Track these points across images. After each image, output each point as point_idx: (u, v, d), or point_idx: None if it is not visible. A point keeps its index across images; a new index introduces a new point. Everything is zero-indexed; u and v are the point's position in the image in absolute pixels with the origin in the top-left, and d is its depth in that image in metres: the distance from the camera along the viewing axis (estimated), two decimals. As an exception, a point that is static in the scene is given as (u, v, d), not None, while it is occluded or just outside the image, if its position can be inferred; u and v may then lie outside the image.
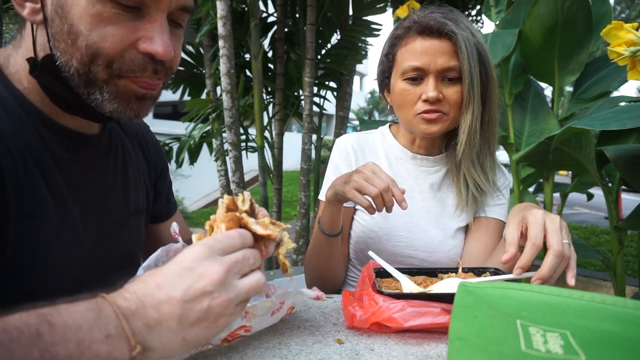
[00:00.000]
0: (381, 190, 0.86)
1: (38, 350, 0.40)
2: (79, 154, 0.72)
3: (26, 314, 0.42)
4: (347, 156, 1.16)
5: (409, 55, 1.02)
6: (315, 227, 1.07)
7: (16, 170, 0.61)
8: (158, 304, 0.47)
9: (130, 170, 0.85)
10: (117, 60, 0.62)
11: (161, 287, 0.48)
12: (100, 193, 0.77)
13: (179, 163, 3.14)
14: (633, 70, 1.09)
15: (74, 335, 0.43)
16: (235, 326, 0.61)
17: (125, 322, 0.45)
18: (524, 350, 0.40)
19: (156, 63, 0.65)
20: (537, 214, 0.79)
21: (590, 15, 1.69)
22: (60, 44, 0.62)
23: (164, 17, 0.64)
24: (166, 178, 0.98)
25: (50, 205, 0.66)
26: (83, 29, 0.60)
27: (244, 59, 3.06)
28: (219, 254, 0.52)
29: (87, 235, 0.73)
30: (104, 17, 0.59)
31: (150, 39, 0.63)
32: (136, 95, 0.66)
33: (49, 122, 0.68)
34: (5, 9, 2.37)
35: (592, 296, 0.48)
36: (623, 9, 17.62)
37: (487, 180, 1.08)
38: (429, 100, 1.00)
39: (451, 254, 1.10)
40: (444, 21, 0.99)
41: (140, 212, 0.87)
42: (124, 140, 0.85)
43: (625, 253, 1.98)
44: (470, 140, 1.03)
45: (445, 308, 0.70)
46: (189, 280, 0.49)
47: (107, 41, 0.60)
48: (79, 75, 0.62)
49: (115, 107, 0.65)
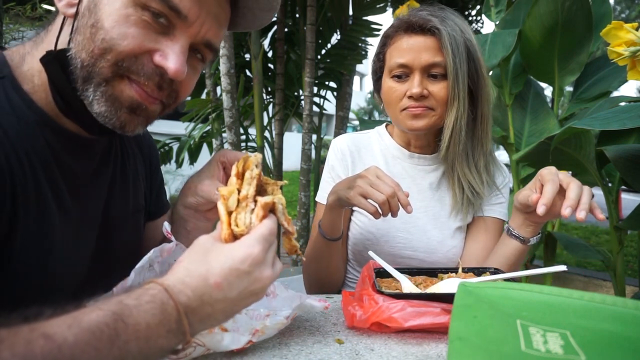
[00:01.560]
0: (388, 197, 0.85)
1: (117, 348, 0.44)
2: (80, 156, 0.72)
3: (101, 312, 0.45)
4: (343, 157, 1.15)
5: (395, 53, 1.03)
6: (315, 231, 1.07)
7: (25, 176, 0.62)
8: (214, 302, 0.52)
9: (129, 169, 0.85)
10: (127, 60, 0.62)
11: (220, 287, 0.52)
12: (102, 194, 0.77)
13: (179, 163, 3.14)
14: (633, 70, 1.09)
15: (143, 333, 0.47)
16: (244, 341, 0.62)
17: (185, 318, 0.50)
18: (524, 350, 0.40)
19: (163, 79, 0.66)
20: (549, 168, 0.87)
21: (590, 15, 1.69)
22: (79, 36, 0.62)
23: (187, 42, 0.65)
24: (158, 174, 0.98)
25: (53, 207, 0.66)
26: (106, 25, 0.61)
27: (244, 59, 3.06)
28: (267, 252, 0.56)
29: (89, 236, 0.74)
30: (131, 19, 0.61)
31: (166, 55, 0.64)
32: (130, 105, 0.65)
33: (53, 125, 0.68)
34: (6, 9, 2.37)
35: (592, 296, 0.48)
36: (623, 9, 17.62)
37: (482, 181, 1.08)
38: (413, 96, 1.00)
39: (450, 254, 1.10)
40: (429, 18, 0.99)
41: (140, 210, 0.88)
42: (123, 139, 0.85)
43: (625, 253, 1.98)
44: (455, 137, 1.02)
45: (445, 308, 0.70)
46: (244, 283, 0.53)
47: (125, 39, 0.61)
48: (82, 67, 0.63)
49: (103, 110, 0.64)
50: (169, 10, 0.62)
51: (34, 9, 3.94)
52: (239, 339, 0.61)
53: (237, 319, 0.65)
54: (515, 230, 0.96)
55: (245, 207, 0.57)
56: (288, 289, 0.77)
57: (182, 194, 0.85)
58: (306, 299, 0.72)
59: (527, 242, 0.95)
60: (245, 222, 0.56)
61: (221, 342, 0.60)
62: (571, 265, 3.51)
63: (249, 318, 0.67)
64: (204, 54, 0.70)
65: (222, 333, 0.61)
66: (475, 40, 1.03)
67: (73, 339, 0.42)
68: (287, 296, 0.75)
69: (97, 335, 0.43)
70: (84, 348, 0.42)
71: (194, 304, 0.51)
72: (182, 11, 0.62)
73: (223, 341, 0.60)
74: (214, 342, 0.60)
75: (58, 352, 0.41)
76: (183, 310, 0.50)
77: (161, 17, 0.62)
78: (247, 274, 0.53)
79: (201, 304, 0.51)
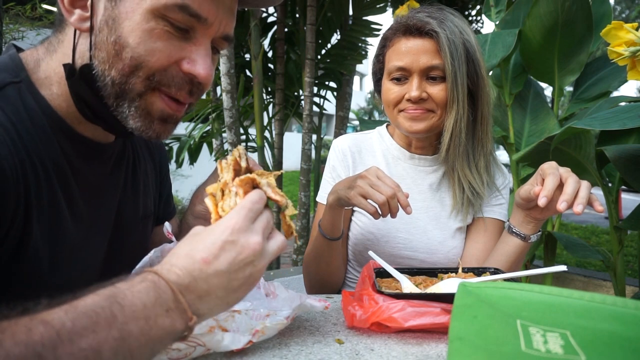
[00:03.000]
0: (388, 198, 0.86)
1: (116, 330, 0.44)
2: (94, 162, 0.73)
3: (97, 297, 0.46)
4: (344, 157, 1.15)
5: (394, 56, 1.03)
6: (316, 231, 1.07)
7: (38, 182, 0.62)
8: (207, 277, 0.51)
9: (140, 174, 0.86)
10: (158, 74, 0.63)
11: (207, 262, 0.51)
12: (114, 199, 0.78)
13: (179, 163, 3.14)
14: (633, 70, 1.09)
15: (141, 313, 0.47)
16: (245, 341, 0.62)
17: (181, 295, 0.50)
18: (524, 350, 0.40)
19: (193, 84, 0.67)
20: (550, 163, 0.87)
21: (590, 15, 1.68)
22: (102, 53, 0.63)
23: (209, 42, 0.66)
24: (168, 180, 0.99)
25: (66, 212, 0.67)
26: (131, 42, 0.61)
27: (244, 59, 3.06)
28: (252, 222, 0.55)
29: (101, 241, 0.75)
30: (155, 33, 0.61)
31: (194, 62, 0.65)
32: (161, 117, 0.67)
33: (69, 131, 0.68)
34: (5, 9, 2.37)
35: (592, 296, 0.48)
36: (623, 9, 17.62)
37: (482, 182, 1.08)
38: (412, 100, 1.00)
39: (451, 254, 1.10)
40: (427, 20, 0.99)
41: (149, 215, 0.88)
42: (135, 144, 0.86)
43: (625, 253, 1.98)
44: (455, 139, 1.03)
45: (445, 308, 0.70)
46: (232, 253, 0.52)
47: (154, 56, 0.62)
48: (113, 85, 0.63)
49: (138, 125, 0.66)
50: (189, 17, 0.62)
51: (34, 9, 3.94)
52: (239, 339, 0.61)
53: (237, 319, 0.65)
54: (516, 227, 0.96)
55: (229, 194, 0.58)
56: (288, 289, 0.77)
57: (191, 203, 0.87)
58: (306, 299, 0.72)
59: (528, 239, 0.96)
60: (230, 205, 0.57)
61: (221, 342, 0.60)
62: (571, 265, 3.51)
63: (249, 318, 0.67)
64: (220, 46, 0.71)
65: (222, 333, 0.61)
66: (475, 40, 1.03)
67: (71, 324, 0.42)
68: (287, 296, 0.75)
69: (94, 319, 0.44)
70: (82, 332, 0.42)
71: (185, 281, 0.50)
72: (202, 15, 0.63)
73: (223, 341, 0.60)
74: (214, 342, 0.60)
75: (57, 337, 0.41)
76: (177, 289, 0.49)
77: (181, 26, 0.62)
78: (232, 243, 0.52)
79: (193, 280, 0.51)
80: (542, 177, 0.86)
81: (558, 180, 0.83)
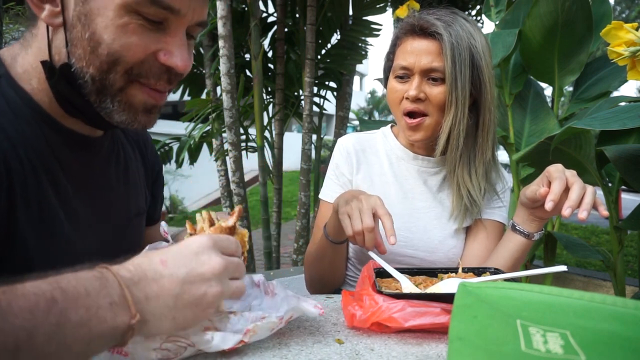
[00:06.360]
0: (363, 229, 0.84)
1: (54, 315, 0.43)
2: (82, 156, 0.72)
3: (39, 281, 0.44)
4: (348, 156, 1.16)
5: (400, 55, 1.05)
6: (319, 231, 1.07)
7: (24, 173, 0.62)
8: (160, 278, 0.50)
9: (130, 173, 0.85)
10: (136, 67, 0.63)
11: (165, 263, 0.51)
12: (104, 196, 0.77)
13: (179, 163, 3.14)
14: (633, 70, 1.09)
15: (83, 301, 0.45)
16: (236, 341, 0.61)
17: (127, 291, 0.48)
18: (524, 350, 0.40)
19: (171, 73, 0.67)
20: (556, 165, 0.88)
21: (590, 15, 1.68)
22: (78, 49, 0.62)
23: (184, 31, 0.66)
24: (161, 181, 0.99)
25: (56, 206, 0.66)
26: (106, 38, 0.61)
27: (244, 59, 3.06)
28: (220, 250, 0.56)
29: (92, 237, 0.74)
30: (129, 28, 0.61)
31: (171, 53, 0.65)
32: (145, 107, 0.67)
33: (54, 124, 0.68)
34: (5, 9, 2.37)
35: (592, 296, 0.48)
36: (623, 9, 17.63)
37: (480, 189, 1.08)
38: (409, 98, 1.01)
39: (451, 254, 1.10)
40: (433, 22, 1.00)
41: (141, 214, 0.88)
42: (124, 143, 0.86)
43: (625, 253, 1.98)
44: (453, 142, 1.03)
45: (445, 308, 0.70)
46: (192, 263, 0.52)
47: (130, 50, 0.62)
48: (93, 82, 0.63)
49: (124, 119, 0.67)
50: (162, 10, 0.62)
51: (34, 9, 3.93)
52: (230, 338, 0.60)
53: (233, 321, 0.64)
54: (520, 225, 0.97)
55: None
56: (287, 289, 0.77)
57: None
58: (302, 302, 0.71)
59: (532, 237, 0.96)
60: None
61: (211, 342, 0.59)
62: (571, 265, 3.51)
63: (245, 320, 0.66)
64: (194, 32, 0.71)
65: (212, 333, 0.60)
66: (484, 48, 1.02)
67: (6, 303, 0.41)
68: (285, 297, 0.74)
69: (32, 300, 0.42)
70: (18, 312, 0.41)
71: (136, 277, 0.49)
72: (175, 7, 0.62)
73: (212, 341, 0.59)
74: (203, 342, 0.59)
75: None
76: (124, 283, 0.48)
77: (154, 19, 0.62)
78: (195, 254, 0.53)
79: (145, 278, 0.50)
80: (549, 179, 0.87)
81: (564, 185, 0.83)
